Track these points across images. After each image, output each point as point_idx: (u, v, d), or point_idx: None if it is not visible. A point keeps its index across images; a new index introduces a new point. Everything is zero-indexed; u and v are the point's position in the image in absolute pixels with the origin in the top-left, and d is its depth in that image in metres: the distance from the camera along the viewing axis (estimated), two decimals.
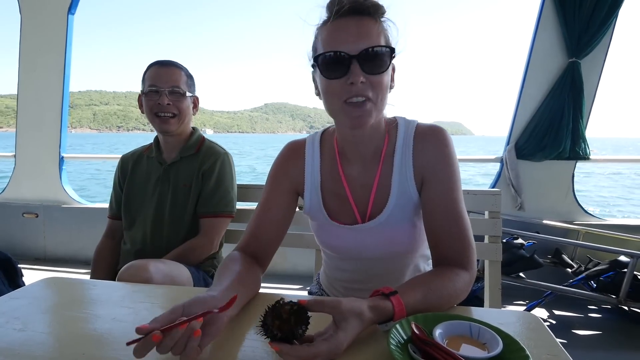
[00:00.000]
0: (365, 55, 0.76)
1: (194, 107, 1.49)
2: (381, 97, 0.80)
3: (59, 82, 3.14)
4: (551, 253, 2.63)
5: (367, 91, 0.78)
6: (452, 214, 0.84)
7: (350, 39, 0.77)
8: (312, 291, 1.19)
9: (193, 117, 1.50)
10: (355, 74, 0.76)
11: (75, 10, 3.09)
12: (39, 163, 3.27)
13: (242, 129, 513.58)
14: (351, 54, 0.76)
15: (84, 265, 3.06)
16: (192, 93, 1.45)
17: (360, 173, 0.92)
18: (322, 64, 0.79)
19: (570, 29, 2.51)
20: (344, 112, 0.80)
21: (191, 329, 0.57)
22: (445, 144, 0.87)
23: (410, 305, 0.69)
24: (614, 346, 2.03)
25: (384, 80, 0.79)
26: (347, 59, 0.76)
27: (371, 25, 0.78)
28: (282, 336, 0.58)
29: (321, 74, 0.80)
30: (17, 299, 0.84)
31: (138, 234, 1.43)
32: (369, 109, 0.79)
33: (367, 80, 0.77)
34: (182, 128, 1.44)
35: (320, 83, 0.83)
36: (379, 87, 0.79)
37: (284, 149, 1.00)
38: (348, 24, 0.78)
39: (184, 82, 1.40)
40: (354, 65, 0.76)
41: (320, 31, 0.82)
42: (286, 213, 0.96)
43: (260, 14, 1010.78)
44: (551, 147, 2.63)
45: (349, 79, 0.77)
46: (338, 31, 0.78)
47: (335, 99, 0.80)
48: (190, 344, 0.57)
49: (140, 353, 0.56)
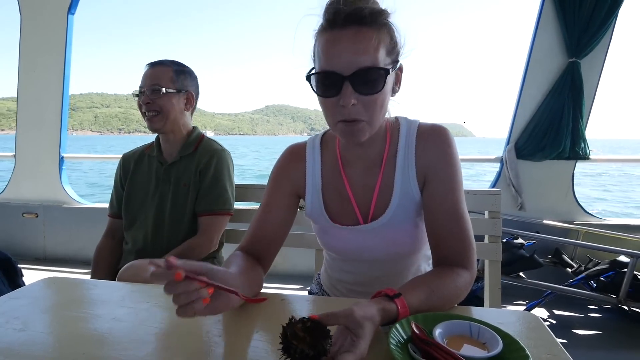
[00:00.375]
0: (358, 76, 0.73)
1: (187, 103, 1.45)
2: (377, 116, 0.78)
3: (59, 82, 3.14)
4: (551, 253, 2.63)
5: (359, 113, 0.76)
6: (454, 214, 0.84)
7: (344, 56, 0.73)
8: (312, 291, 1.19)
9: (187, 114, 1.47)
10: (346, 96, 0.74)
11: (75, 10, 3.09)
12: (39, 163, 3.27)
13: (243, 131, 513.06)
14: (344, 74, 0.73)
15: (84, 265, 3.06)
16: (181, 89, 1.41)
17: (362, 174, 0.92)
18: (314, 82, 0.78)
19: (570, 28, 2.51)
20: (338, 129, 0.80)
21: (204, 293, 0.58)
22: (448, 143, 0.87)
23: (413, 306, 0.69)
24: (614, 346, 2.03)
25: (379, 99, 0.76)
26: (340, 79, 0.73)
27: (369, 37, 0.73)
28: (314, 354, 0.55)
29: (314, 91, 0.79)
30: (17, 299, 0.84)
31: (139, 234, 1.43)
32: (362, 128, 0.78)
33: (360, 101, 0.75)
34: (173, 126, 1.42)
35: (317, 99, 0.81)
36: (372, 107, 0.76)
37: (285, 152, 1.00)
38: (343, 37, 0.73)
39: (167, 79, 1.38)
40: (346, 86, 0.73)
41: (317, 38, 0.79)
42: (287, 215, 0.96)
43: (261, 16, 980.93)
44: (551, 147, 2.63)
45: (340, 99, 0.75)
46: (333, 45, 0.74)
47: (330, 116, 0.80)
48: (194, 304, 0.58)
49: (156, 278, 0.56)
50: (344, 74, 0.73)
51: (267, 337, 0.68)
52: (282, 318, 0.60)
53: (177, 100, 1.41)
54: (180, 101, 1.42)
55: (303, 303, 0.85)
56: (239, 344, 0.67)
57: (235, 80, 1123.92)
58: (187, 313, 0.58)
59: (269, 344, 0.64)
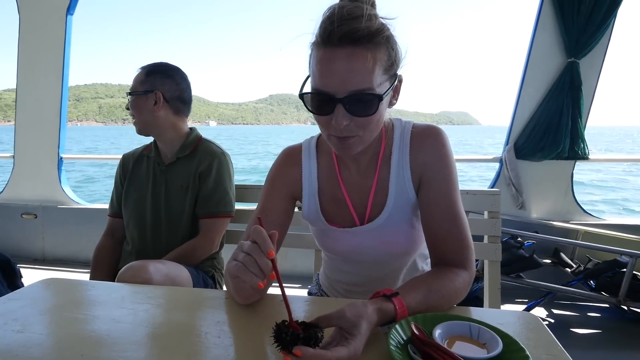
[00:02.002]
0: (352, 98, 0.71)
1: (155, 103, 1.38)
2: (370, 133, 0.78)
3: (58, 83, 3.13)
4: (550, 253, 2.63)
5: (352, 131, 0.75)
6: (451, 214, 0.84)
7: (337, 77, 0.70)
8: (311, 291, 1.19)
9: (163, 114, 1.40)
10: (339, 117, 0.72)
11: (74, 10, 3.08)
12: (38, 164, 3.26)
13: (246, 121, 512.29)
14: (337, 96, 0.71)
15: (83, 266, 3.06)
16: (149, 89, 1.38)
17: (357, 176, 0.92)
18: (308, 99, 0.76)
19: (569, 29, 2.51)
20: (331, 143, 0.80)
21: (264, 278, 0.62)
22: (442, 144, 0.87)
23: (411, 306, 0.69)
24: (613, 346, 2.03)
25: (373, 119, 0.75)
26: (333, 101, 0.72)
27: (364, 58, 0.69)
28: (306, 335, 0.56)
29: (308, 109, 0.77)
30: (16, 300, 0.84)
31: (136, 234, 1.43)
32: (355, 143, 0.78)
33: (353, 121, 0.74)
34: (152, 128, 1.41)
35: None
36: (366, 126, 0.76)
37: (281, 155, 1.00)
38: (337, 57, 0.70)
39: (138, 82, 1.39)
40: (339, 108, 0.72)
41: (312, 50, 0.75)
42: (284, 218, 0.96)
43: (267, 7, 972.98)
44: (550, 147, 2.63)
45: (332, 120, 0.74)
46: (327, 65, 0.71)
47: (323, 129, 0.79)
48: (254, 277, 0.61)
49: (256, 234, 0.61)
50: (337, 95, 0.71)
51: (267, 337, 0.68)
52: (281, 319, 0.60)
53: (144, 102, 1.38)
54: (148, 102, 1.38)
55: (302, 304, 0.85)
56: (239, 344, 0.67)
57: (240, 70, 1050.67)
58: (245, 276, 0.61)
59: (268, 345, 0.64)
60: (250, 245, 0.61)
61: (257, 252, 0.61)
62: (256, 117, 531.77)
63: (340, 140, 0.77)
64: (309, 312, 0.80)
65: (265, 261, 0.60)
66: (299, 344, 0.55)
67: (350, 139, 0.77)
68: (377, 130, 0.81)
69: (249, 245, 0.62)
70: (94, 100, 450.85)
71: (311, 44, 0.75)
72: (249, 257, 0.61)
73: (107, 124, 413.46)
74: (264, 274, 0.61)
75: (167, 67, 1.43)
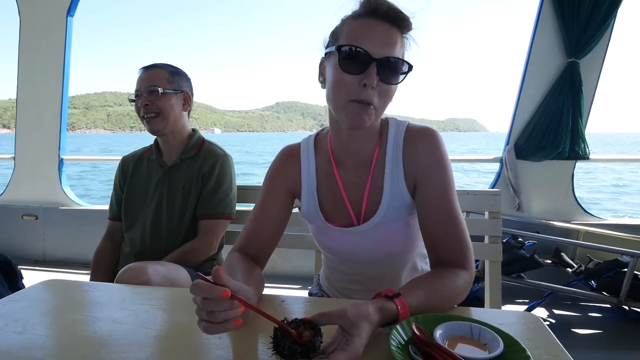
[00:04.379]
0: (387, 62, 0.77)
1: (185, 104, 1.45)
2: (384, 105, 0.82)
3: (58, 84, 3.14)
4: (551, 253, 2.63)
5: (374, 98, 0.78)
6: (448, 215, 0.84)
7: (377, 41, 0.76)
8: (312, 292, 1.19)
9: (186, 115, 1.47)
10: (370, 77, 0.76)
11: (74, 12, 3.09)
12: (39, 165, 3.26)
13: (252, 128, 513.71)
14: (374, 56, 0.76)
15: (84, 267, 3.06)
16: (177, 89, 1.42)
17: (354, 174, 0.92)
18: (342, 55, 0.77)
19: (569, 29, 2.51)
20: (346, 110, 0.79)
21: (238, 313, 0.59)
22: (437, 145, 0.87)
23: (413, 306, 0.69)
24: (614, 346, 2.03)
25: (392, 90, 0.80)
26: (368, 59, 0.76)
27: (397, 36, 0.78)
28: (303, 350, 0.56)
29: (338, 64, 0.78)
30: (17, 301, 0.84)
31: (137, 236, 1.43)
32: (370, 113, 0.80)
33: (378, 87, 0.78)
34: (173, 127, 1.42)
35: (332, 72, 0.80)
36: (386, 96, 0.80)
37: (280, 153, 1.00)
38: (378, 27, 0.77)
39: (164, 80, 1.39)
40: (372, 68, 0.76)
41: (347, 22, 0.81)
42: (283, 215, 0.96)
43: (272, 15, 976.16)
44: (550, 147, 2.63)
45: (363, 79, 0.76)
46: (368, 29, 0.77)
47: (343, 94, 0.79)
48: (227, 324, 0.58)
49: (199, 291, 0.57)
50: (374, 55, 0.76)
51: (267, 338, 0.68)
52: (281, 319, 0.60)
53: (176, 101, 1.41)
54: (178, 101, 1.43)
55: (303, 304, 0.85)
56: (239, 345, 0.67)
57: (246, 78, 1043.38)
58: (218, 331, 0.59)
59: (268, 346, 0.64)
60: (201, 302, 0.58)
61: (211, 304, 0.58)
62: (262, 125, 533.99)
63: (358, 108, 0.78)
64: (310, 312, 0.79)
65: (226, 304, 0.58)
66: (297, 358, 0.55)
67: (369, 108, 0.79)
68: (386, 108, 0.83)
69: (200, 303, 0.59)
70: (103, 109, 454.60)
71: (345, 18, 0.82)
72: (210, 313, 0.58)
73: (115, 131, 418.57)
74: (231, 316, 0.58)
75: (184, 71, 1.46)
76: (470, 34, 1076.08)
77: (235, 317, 0.59)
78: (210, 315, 0.58)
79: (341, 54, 0.77)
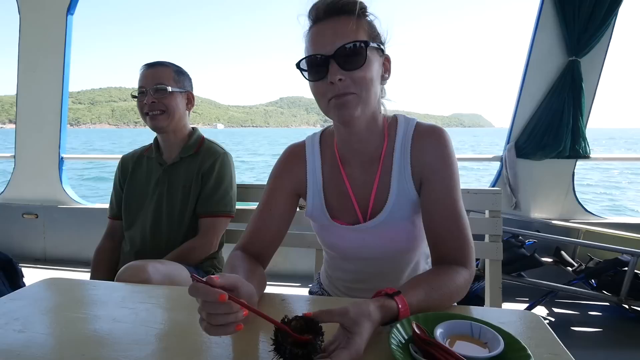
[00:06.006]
0: (341, 53, 0.77)
1: (189, 103, 1.47)
2: (366, 90, 0.80)
3: (59, 83, 3.13)
4: (552, 252, 2.63)
5: (349, 88, 0.79)
6: (452, 213, 0.84)
7: (326, 40, 0.78)
8: (312, 290, 1.19)
9: (187, 114, 1.48)
10: (332, 73, 0.77)
11: (74, 10, 3.08)
12: (39, 164, 3.26)
13: (256, 124, 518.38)
14: (327, 54, 0.77)
15: (84, 266, 3.06)
16: (182, 89, 1.43)
17: (360, 172, 0.93)
18: (304, 69, 0.82)
19: (570, 27, 2.51)
20: (332, 110, 0.82)
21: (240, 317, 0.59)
22: (445, 144, 0.87)
23: (413, 304, 0.69)
24: (614, 345, 2.03)
25: (367, 74, 0.79)
26: (324, 60, 0.78)
27: (347, 22, 0.78)
28: (304, 352, 0.55)
29: (306, 78, 0.82)
30: (17, 300, 0.84)
31: (137, 235, 1.43)
32: (354, 102, 0.80)
33: (348, 77, 0.78)
34: (176, 125, 1.43)
35: (309, 86, 0.84)
36: (362, 81, 0.79)
37: (285, 152, 1.00)
38: (325, 27, 0.79)
39: (170, 79, 1.39)
40: (332, 64, 0.77)
41: (305, 38, 0.84)
42: (287, 214, 0.96)
43: (277, 9, 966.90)
44: (551, 146, 2.62)
45: (328, 78, 0.78)
46: (316, 35, 0.80)
47: (322, 99, 0.82)
48: (228, 327, 0.58)
49: (196, 293, 0.56)
50: (327, 53, 0.77)
51: (267, 337, 0.68)
52: (280, 319, 0.60)
53: (181, 100, 1.43)
54: (183, 100, 1.44)
55: (303, 303, 0.85)
56: (239, 344, 0.67)
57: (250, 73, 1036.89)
58: (218, 333, 0.58)
59: (268, 345, 0.64)
60: (200, 305, 0.59)
61: (210, 307, 0.58)
62: (266, 120, 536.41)
63: (339, 99, 0.79)
64: (310, 311, 0.79)
65: (225, 307, 0.57)
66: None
67: (349, 98, 0.79)
68: (373, 93, 0.82)
69: (200, 307, 0.59)
70: (107, 104, 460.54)
71: (304, 34, 0.84)
72: (210, 315, 0.58)
73: (119, 126, 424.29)
74: (235, 317, 0.58)
75: (184, 69, 1.46)
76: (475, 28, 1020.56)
77: (236, 322, 0.58)
78: (209, 317, 0.58)
79: (302, 69, 0.82)
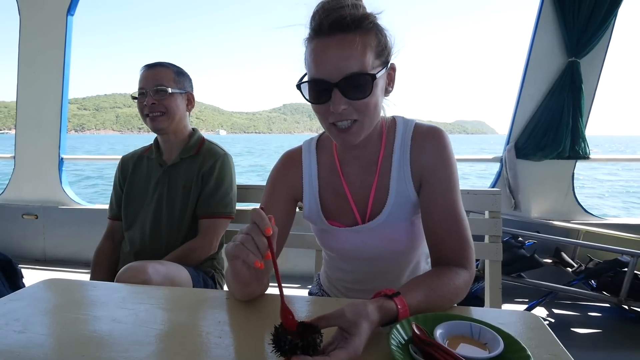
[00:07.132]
0: (346, 82, 0.74)
1: (189, 104, 1.48)
2: (368, 117, 0.79)
3: (59, 84, 3.13)
4: (551, 252, 2.63)
5: (351, 115, 0.78)
6: (451, 214, 0.84)
7: (330, 63, 0.74)
8: (312, 291, 1.19)
9: (187, 115, 1.49)
10: (336, 103, 0.75)
11: (74, 11, 3.08)
12: (39, 164, 3.26)
13: (258, 130, 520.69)
14: (332, 81, 0.74)
15: (84, 267, 3.06)
16: (183, 90, 1.43)
17: (359, 174, 0.93)
18: (305, 90, 0.79)
19: (569, 28, 2.51)
20: (332, 133, 0.82)
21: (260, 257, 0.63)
22: (444, 145, 0.87)
23: (413, 305, 0.69)
24: (614, 345, 2.03)
25: (370, 102, 0.77)
26: (329, 86, 0.75)
27: (354, 43, 0.73)
28: (304, 344, 0.55)
29: (307, 99, 0.80)
30: (17, 300, 0.84)
31: (137, 236, 1.43)
32: (356, 130, 0.80)
33: (351, 105, 0.76)
34: (176, 126, 1.43)
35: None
36: (364, 109, 0.77)
37: (281, 158, 1.01)
38: (329, 45, 0.74)
39: (170, 80, 1.39)
40: (335, 93, 0.75)
41: (306, 46, 0.80)
42: (286, 220, 0.96)
43: (282, 15, 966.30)
44: (551, 147, 2.63)
45: (330, 106, 0.76)
46: (319, 54, 0.75)
47: (323, 119, 0.81)
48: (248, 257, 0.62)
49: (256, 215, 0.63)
50: (332, 81, 0.74)
51: (267, 337, 0.68)
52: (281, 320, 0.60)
53: (181, 101, 1.43)
54: (183, 102, 1.44)
55: (303, 303, 0.85)
56: (239, 344, 0.67)
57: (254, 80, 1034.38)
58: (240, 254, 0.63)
59: (268, 345, 0.64)
60: (249, 225, 0.64)
61: (255, 231, 0.63)
62: (269, 126, 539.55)
63: (341, 131, 0.79)
64: (310, 312, 0.80)
65: (262, 239, 0.62)
66: (297, 353, 0.55)
67: (352, 126, 0.79)
68: (376, 117, 0.82)
69: (247, 226, 0.64)
70: (112, 110, 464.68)
71: (304, 40, 0.80)
72: (247, 236, 0.63)
73: (124, 132, 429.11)
74: (260, 252, 0.63)
75: (184, 70, 1.46)
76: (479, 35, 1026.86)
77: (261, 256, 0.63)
78: (245, 237, 0.63)
79: (305, 89, 0.79)
